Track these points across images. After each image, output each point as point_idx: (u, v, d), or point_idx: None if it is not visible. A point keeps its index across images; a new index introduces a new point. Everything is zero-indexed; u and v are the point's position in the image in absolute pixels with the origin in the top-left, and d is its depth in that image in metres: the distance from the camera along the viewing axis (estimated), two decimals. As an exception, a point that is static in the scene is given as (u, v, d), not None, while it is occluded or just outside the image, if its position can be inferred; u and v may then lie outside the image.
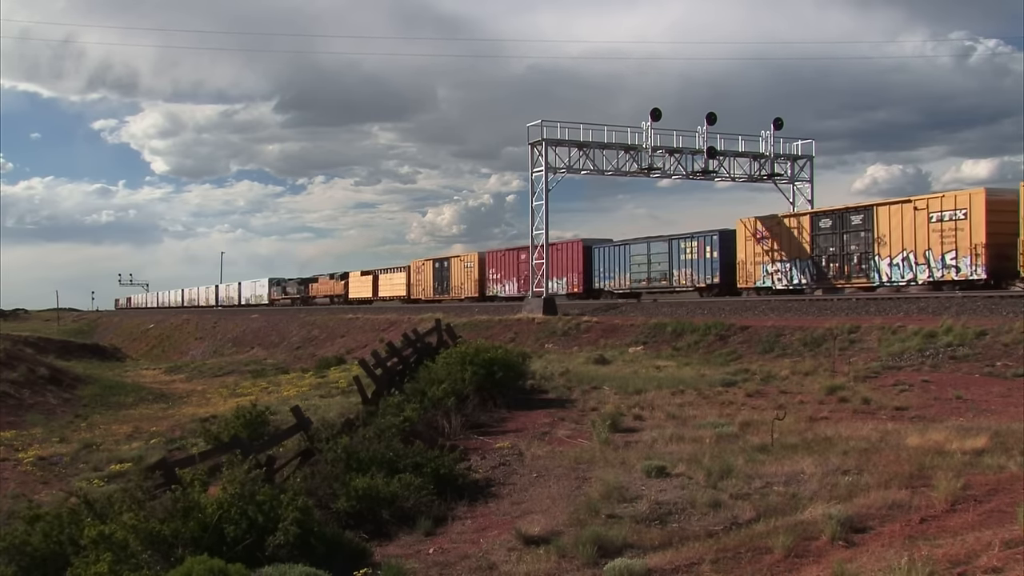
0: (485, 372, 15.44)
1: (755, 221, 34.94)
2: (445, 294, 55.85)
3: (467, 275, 53.23)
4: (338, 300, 73.14)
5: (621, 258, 41.10)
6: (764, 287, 34.25)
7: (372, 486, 8.96)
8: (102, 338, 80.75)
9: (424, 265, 59.64)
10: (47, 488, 12.93)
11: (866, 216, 29.90)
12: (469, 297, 52.38)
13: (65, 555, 7.19)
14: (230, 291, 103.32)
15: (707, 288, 36.67)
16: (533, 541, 7.63)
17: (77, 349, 52.57)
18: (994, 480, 8.02)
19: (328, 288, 76.61)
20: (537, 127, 38.00)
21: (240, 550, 7.05)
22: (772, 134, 40.90)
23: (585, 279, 42.97)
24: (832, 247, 31.26)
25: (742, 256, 35.21)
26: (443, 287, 56.22)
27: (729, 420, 12.74)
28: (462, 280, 53.81)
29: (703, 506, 8.16)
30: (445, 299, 55.39)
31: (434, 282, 57.35)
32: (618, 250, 41.61)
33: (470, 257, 53.89)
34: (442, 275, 56.44)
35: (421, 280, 59.30)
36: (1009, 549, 5.78)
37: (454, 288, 54.60)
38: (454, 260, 55.95)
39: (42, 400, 24.22)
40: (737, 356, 22.36)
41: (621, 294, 41.11)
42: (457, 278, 54.33)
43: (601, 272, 42.22)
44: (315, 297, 79.24)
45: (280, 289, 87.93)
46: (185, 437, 16.89)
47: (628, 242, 41.46)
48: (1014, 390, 14.69)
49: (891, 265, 28.64)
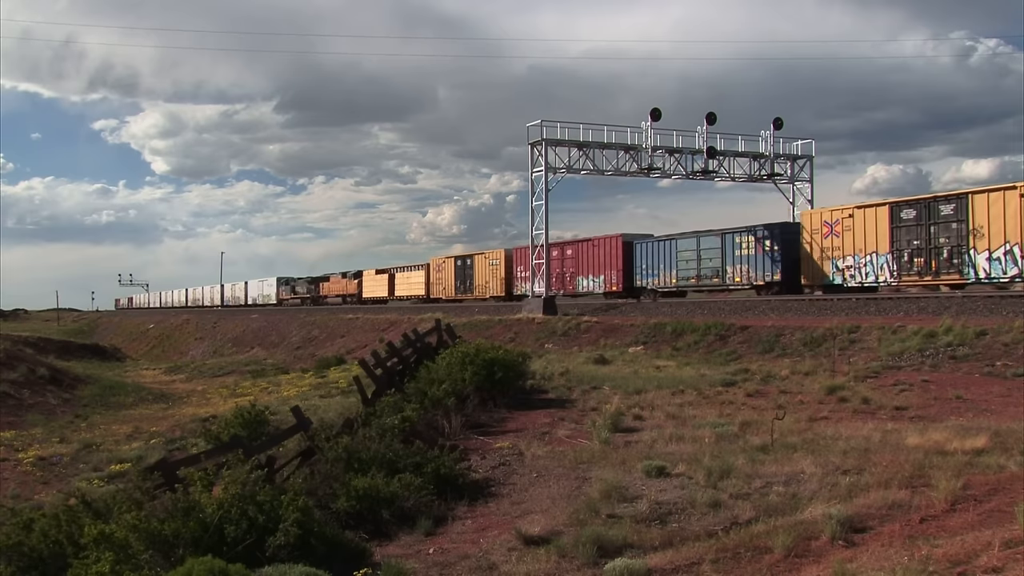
0: (485, 372, 15.45)
1: (824, 212, 32.79)
2: (468, 293, 53.28)
3: (493, 273, 50.50)
4: (351, 300, 70.58)
5: (667, 254, 38.21)
6: (833, 285, 31.50)
7: (372, 486, 8.96)
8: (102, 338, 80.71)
9: (445, 263, 56.70)
10: (47, 488, 12.92)
11: (959, 205, 27.19)
12: (495, 296, 49.85)
13: (64, 555, 7.18)
14: (236, 291, 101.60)
15: (765, 286, 34.25)
16: (533, 541, 7.62)
17: (77, 349, 52.53)
18: (994, 480, 8.02)
19: (340, 287, 74.23)
20: (537, 127, 38.00)
21: (240, 550, 7.05)
22: (772, 134, 40.91)
23: (625, 277, 40.22)
24: (916, 240, 28.57)
25: (807, 251, 32.65)
26: (466, 286, 53.57)
27: (729, 420, 12.75)
28: (487, 278, 51.14)
29: (703, 506, 8.16)
30: (468, 298, 52.88)
31: (456, 281, 54.65)
32: (663, 245, 38.70)
33: (496, 254, 50.96)
34: (465, 273, 53.79)
35: (442, 278, 56.31)
36: (1009, 549, 5.78)
37: (478, 287, 52.06)
38: (478, 257, 53.05)
39: (42, 400, 24.22)
40: (737, 356, 22.36)
41: (666, 292, 38.55)
42: (482, 276, 51.75)
43: (644, 269, 39.34)
44: (326, 297, 76.67)
45: (289, 288, 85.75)
46: (185, 437, 16.89)
47: (675, 237, 38.51)
48: (1014, 390, 14.70)
49: (990, 259, 26.11)
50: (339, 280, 75.11)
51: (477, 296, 51.84)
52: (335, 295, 74.71)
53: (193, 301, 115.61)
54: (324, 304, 73.77)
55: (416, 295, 59.97)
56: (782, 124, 41.05)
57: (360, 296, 69.09)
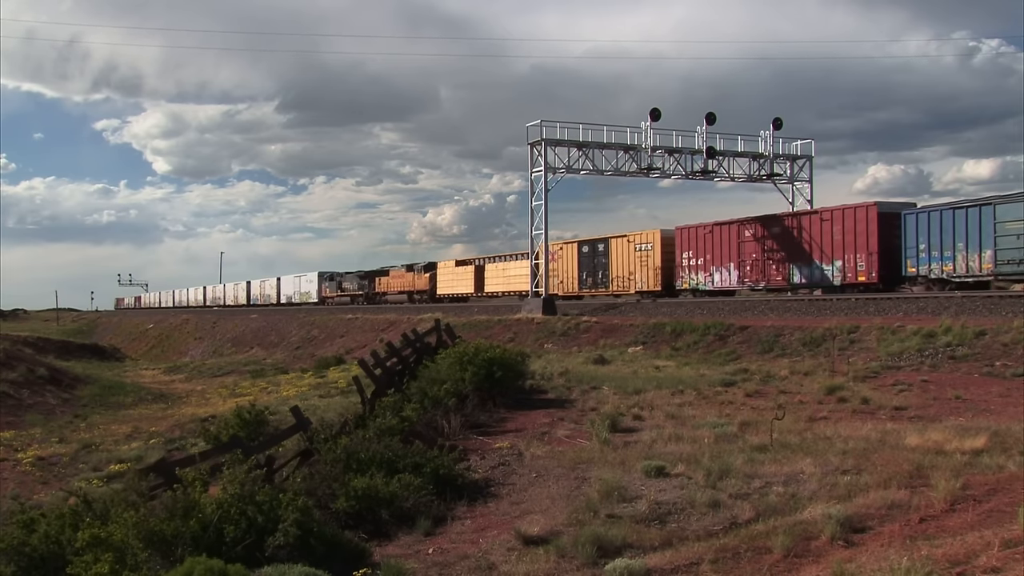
0: (485, 372, 15.43)
1: None
2: (599, 287, 42.35)
3: (640, 261, 39.59)
4: (419, 297, 59.50)
5: (969, 226, 26.63)
6: None
7: (371, 486, 8.95)
8: (101, 338, 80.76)
9: (564, 250, 44.85)
10: (46, 488, 12.92)
11: None
12: (646, 292, 39.15)
13: (64, 555, 7.18)
14: (266, 288, 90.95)
15: None
16: (532, 541, 7.62)
17: (76, 349, 52.53)
18: (993, 480, 8.03)
19: (404, 282, 62.37)
20: (536, 127, 38.04)
21: (240, 550, 7.05)
22: (771, 134, 40.94)
23: (883, 261, 29.40)
24: None
25: None
26: (597, 279, 42.47)
27: (728, 420, 12.74)
28: (631, 267, 40.10)
29: (702, 506, 8.15)
30: (600, 294, 42.31)
31: (580, 272, 43.60)
32: (962, 215, 26.98)
33: (647, 236, 39.64)
34: (594, 261, 42.65)
35: (558, 269, 44.55)
36: (1008, 549, 5.79)
37: (616, 279, 41.03)
38: (617, 241, 41.25)
39: (41, 400, 24.23)
40: (736, 356, 22.37)
41: (965, 282, 26.95)
42: (622, 265, 40.66)
43: (918, 249, 28.14)
44: (385, 293, 65.24)
45: (334, 285, 75.11)
46: (185, 437, 16.89)
47: (987, 201, 26.73)
48: (1013, 390, 14.70)
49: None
50: (402, 274, 63.68)
51: (615, 291, 41.23)
52: (397, 291, 63.39)
53: (213, 300, 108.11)
54: (382, 303, 63.25)
55: (516, 291, 47.96)
56: (782, 124, 41.11)
57: (434, 293, 57.70)
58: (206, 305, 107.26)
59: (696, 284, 36.47)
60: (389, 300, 63.18)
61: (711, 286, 35.72)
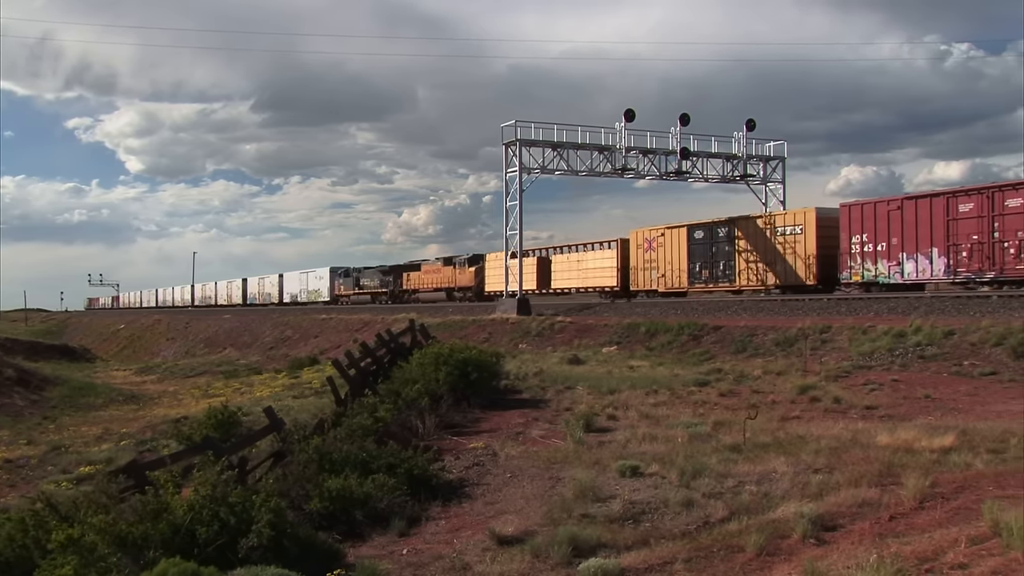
0: (459, 372, 15.42)
1: None
2: (720, 281, 34.77)
3: (784, 246, 31.77)
4: (462, 296, 50.93)
5: None
6: None
7: (345, 487, 8.91)
8: (71, 339, 79.56)
9: (667, 236, 36.90)
10: (14, 491, 12.71)
11: None
12: (794, 286, 31.45)
13: (31, 559, 7.08)
14: (266, 286, 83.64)
15: None
16: (507, 541, 7.62)
17: (45, 350, 51.72)
18: (961, 478, 8.13)
19: (442, 278, 53.47)
20: (511, 127, 38.04)
21: (212, 552, 6.98)
22: (745, 135, 41.23)
23: None
24: None
25: None
26: (716, 271, 34.91)
27: (702, 420, 12.82)
28: (771, 256, 32.33)
29: (676, 505, 8.19)
30: (719, 288, 34.90)
31: (691, 263, 35.93)
32: None
33: (795, 215, 32.07)
34: (709, 249, 35.33)
35: (658, 260, 37.26)
36: (975, 545, 5.87)
37: (744, 271, 33.73)
38: (746, 223, 33.93)
39: (9, 402, 23.81)
40: (710, 356, 22.50)
41: None
42: (754, 253, 33.32)
43: None
44: (415, 291, 56.13)
45: (351, 282, 66.36)
46: (156, 438, 16.66)
47: None
48: (980, 389, 14.93)
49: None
50: (438, 268, 54.50)
51: (744, 285, 33.92)
52: (431, 289, 54.37)
53: (203, 299, 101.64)
54: (414, 301, 54.24)
55: (600, 286, 40.76)
56: (755, 125, 41.42)
57: (481, 290, 48.66)
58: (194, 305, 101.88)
59: (875, 276, 27.82)
60: (421, 299, 53.75)
61: (899, 278, 27.04)
